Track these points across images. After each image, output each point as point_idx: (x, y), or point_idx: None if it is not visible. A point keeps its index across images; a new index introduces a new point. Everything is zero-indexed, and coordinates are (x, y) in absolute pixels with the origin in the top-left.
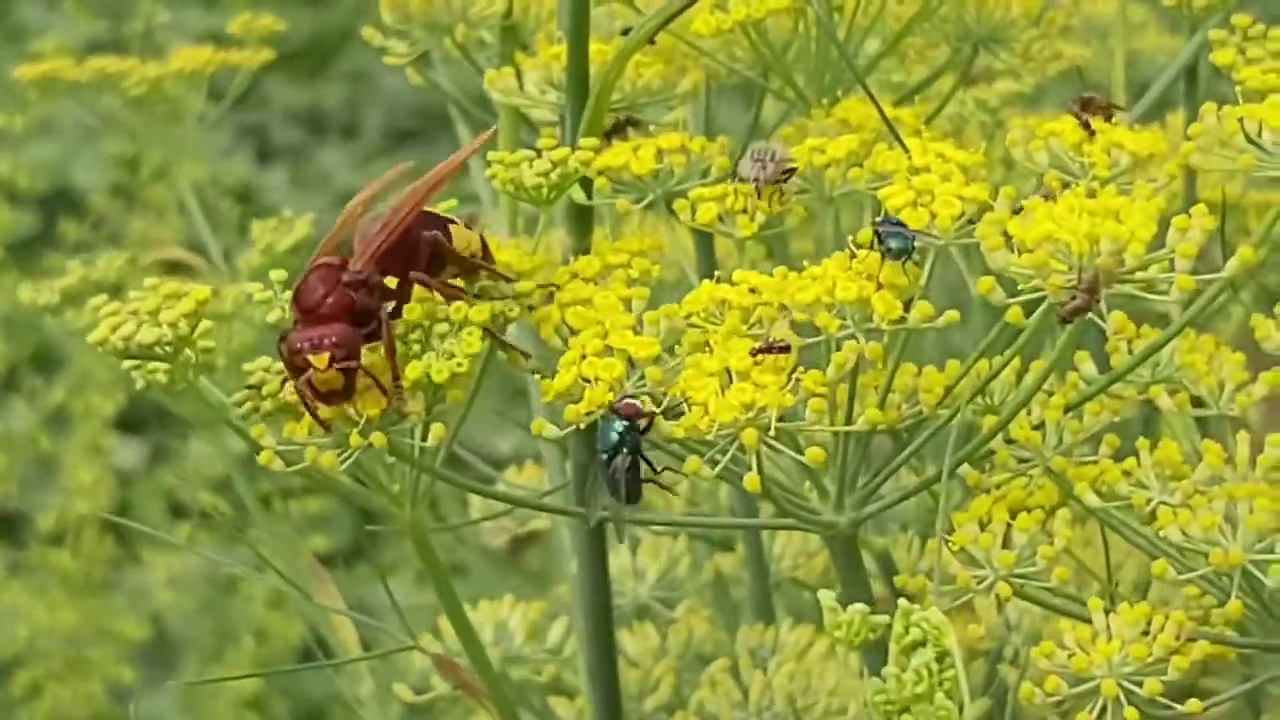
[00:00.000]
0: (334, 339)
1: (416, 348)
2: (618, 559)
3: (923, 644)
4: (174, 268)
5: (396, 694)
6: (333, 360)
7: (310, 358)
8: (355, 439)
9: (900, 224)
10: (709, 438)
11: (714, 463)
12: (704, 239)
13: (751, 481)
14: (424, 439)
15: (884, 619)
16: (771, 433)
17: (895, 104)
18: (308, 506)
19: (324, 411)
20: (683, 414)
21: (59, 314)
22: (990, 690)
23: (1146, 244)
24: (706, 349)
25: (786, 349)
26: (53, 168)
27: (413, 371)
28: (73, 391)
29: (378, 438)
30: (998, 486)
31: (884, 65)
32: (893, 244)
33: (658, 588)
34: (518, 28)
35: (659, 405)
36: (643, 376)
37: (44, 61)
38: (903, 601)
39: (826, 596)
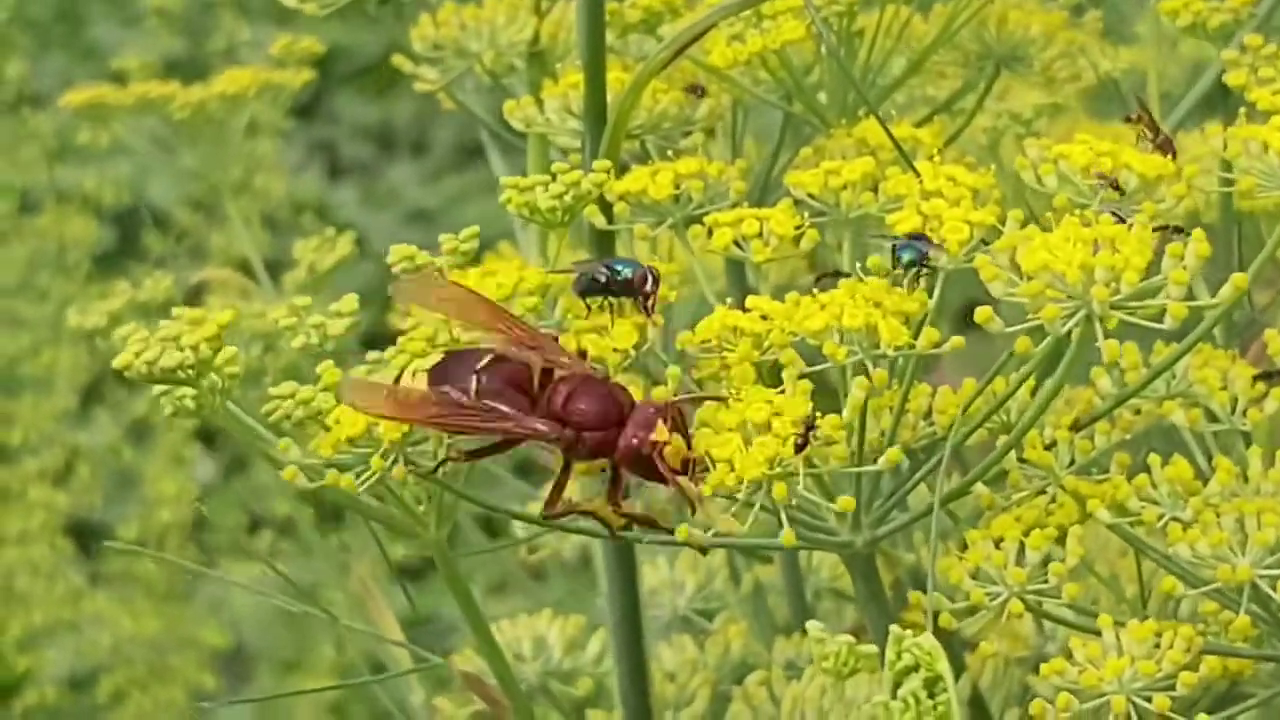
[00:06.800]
0: None
1: None
2: (656, 572)
3: (915, 669)
4: (215, 288)
5: (439, 708)
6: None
7: None
8: (377, 462)
9: (919, 240)
10: (739, 496)
11: (744, 518)
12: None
13: (788, 538)
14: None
15: (872, 649)
16: (800, 484)
17: (918, 123)
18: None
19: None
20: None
21: (107, 337)
22: (1026, 699)
23: (1141, 272)
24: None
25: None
26: (129, 183)
27: None
28: (154, 403)
29: (398, 470)
30: (1017, 505)
31: (913, 80)
32: (905, 256)
33: (696, 600)
34: (545, 54)
35: None
36: None
37: (122, 83)
38: (894, 628)
39: (814, 628)
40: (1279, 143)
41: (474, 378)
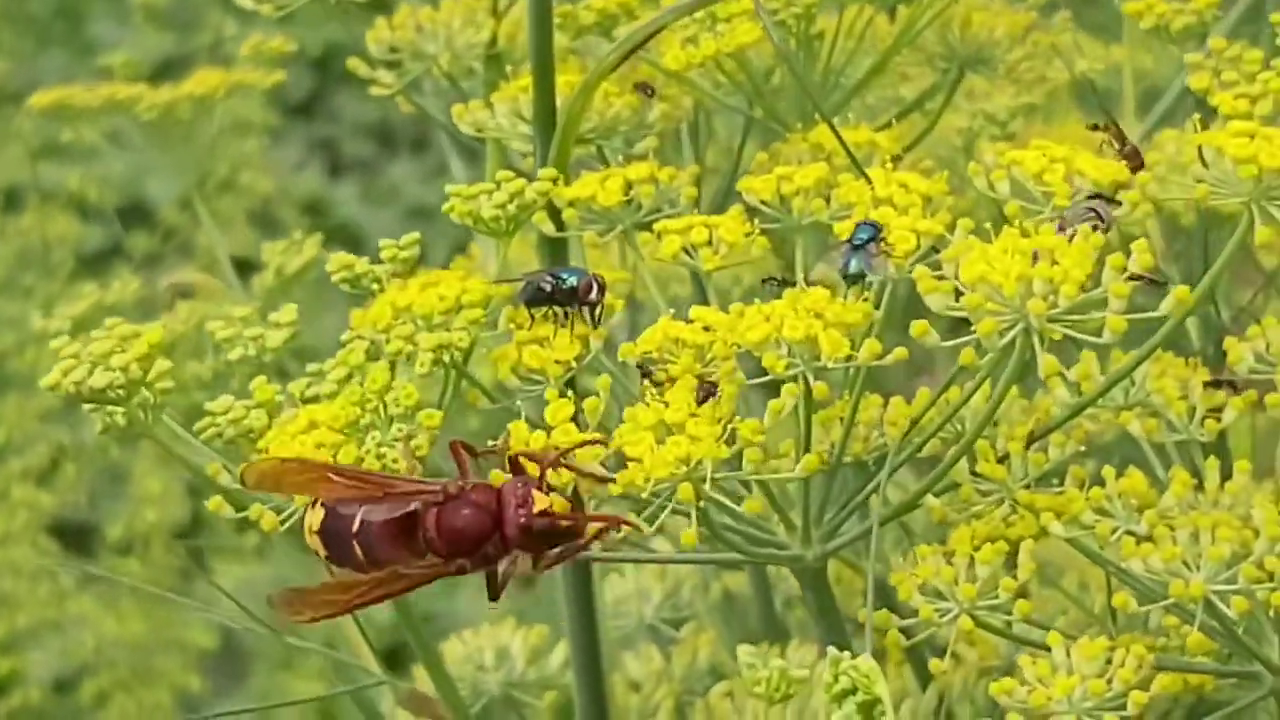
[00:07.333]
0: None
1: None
2: (624, 581)
3: (853, 692)
4: (186, 291)
5: None
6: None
7: None
8: (300, 500)
9: (868, 238)
10: (645, 495)
11: (652, 519)
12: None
13: (688, 536)
14: None
15: (804, 674)
16: (708, 486)
17: (882, 126)
18: None
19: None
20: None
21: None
22: (997, 712)
23: (1080, 285)
24: (644, 402)
25: (713, 391)
26: (124, 181)
27: (375, 382)
28: None
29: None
30: (977, 518)
31: (880, 81)
32: (852, 266)
33: (664, 609)
34: (503, 56)
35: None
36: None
37: (109, 80)
38: (831, 650)
39: (745, 652)
40: (1234, 149)
41: (354, 546)
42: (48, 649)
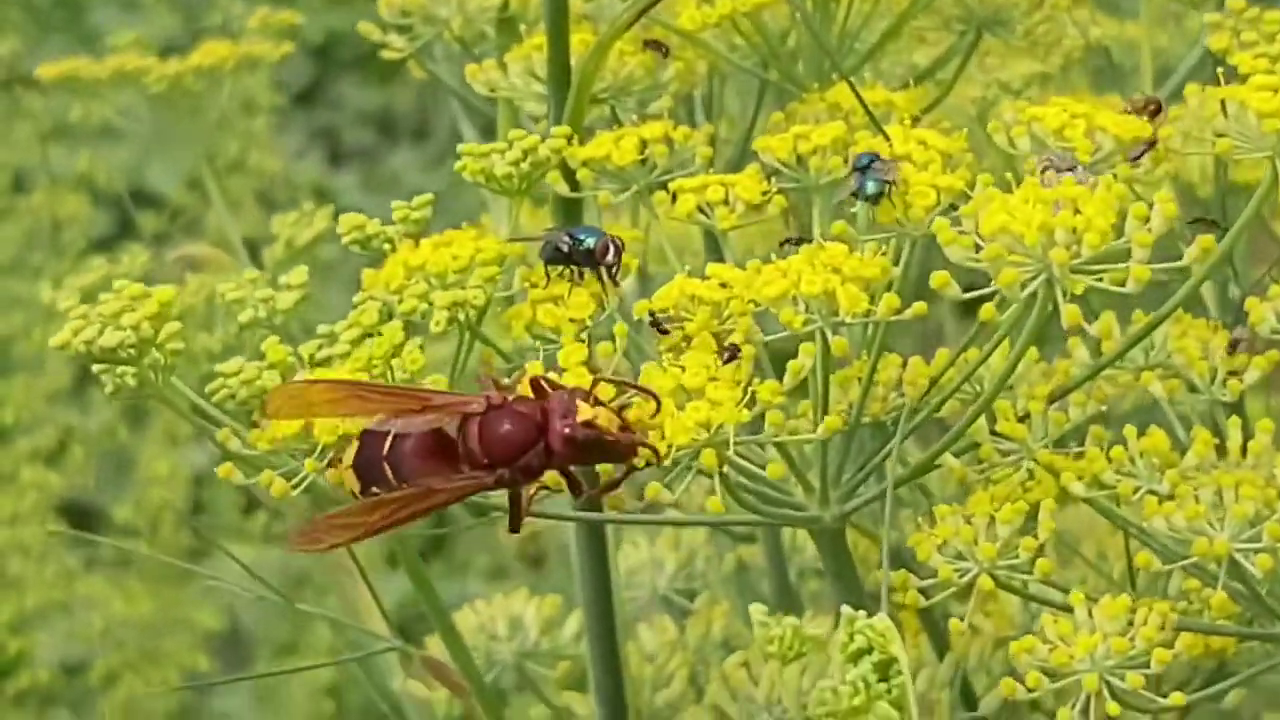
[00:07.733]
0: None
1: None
2: (637, 552)
3: (868, 652)
4: (194, 264)
5: (407, 691)
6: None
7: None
8: (310, 465)
9: (875, 161)
10: (667, 463)
11: (674, 486)
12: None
13: (714, 503)
14: None
15: (819, 632)
16: (731, 450)
17: (896, 90)
18: None
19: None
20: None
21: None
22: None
23: (1104, 234)
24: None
25: (737, 353)
26: (127, 168)
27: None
28: None
29: (331, 473)
30: (995, 481)
31: (896, 45)
32: (869, 188)
33: (677, 579)
34: (515, 20)
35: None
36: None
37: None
38: (846, 609)
39: (758, 611)
40: (1258, 103)
41: (385, 466)
42: (55, 630)
